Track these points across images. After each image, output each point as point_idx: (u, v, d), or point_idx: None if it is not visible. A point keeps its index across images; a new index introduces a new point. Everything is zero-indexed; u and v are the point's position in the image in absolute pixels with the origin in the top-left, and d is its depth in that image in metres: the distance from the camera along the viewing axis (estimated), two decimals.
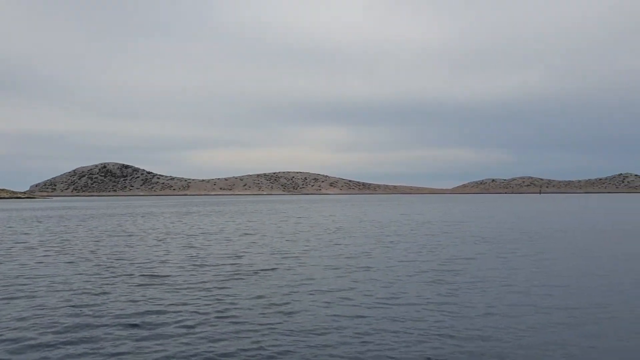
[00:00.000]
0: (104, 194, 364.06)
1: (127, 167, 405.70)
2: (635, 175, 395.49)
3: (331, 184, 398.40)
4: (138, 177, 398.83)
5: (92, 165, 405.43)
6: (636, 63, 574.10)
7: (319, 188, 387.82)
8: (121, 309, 12.33)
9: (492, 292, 13.98)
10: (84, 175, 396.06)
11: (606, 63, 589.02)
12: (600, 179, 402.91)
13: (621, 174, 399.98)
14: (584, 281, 15.60)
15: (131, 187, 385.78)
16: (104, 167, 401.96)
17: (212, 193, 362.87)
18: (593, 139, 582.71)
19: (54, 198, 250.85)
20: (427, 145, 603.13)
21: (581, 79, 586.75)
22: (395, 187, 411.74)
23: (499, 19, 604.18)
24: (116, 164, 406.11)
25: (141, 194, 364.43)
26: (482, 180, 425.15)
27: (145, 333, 10.38)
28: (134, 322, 11.14)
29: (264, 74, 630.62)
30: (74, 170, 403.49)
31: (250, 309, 12.16)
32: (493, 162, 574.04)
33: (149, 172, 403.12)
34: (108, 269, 18.81)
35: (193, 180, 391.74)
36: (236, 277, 16.71)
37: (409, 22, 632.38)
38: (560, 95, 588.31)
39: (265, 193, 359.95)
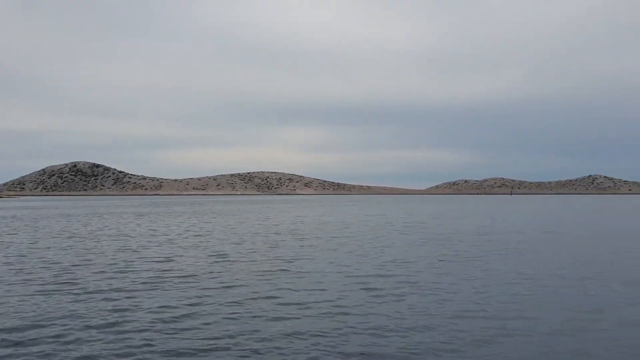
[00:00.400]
0: (74, 193, 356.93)
1: (98, 166, 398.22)
2: (605, 176, 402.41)
3: (306, 184, 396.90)
4: (109, 176, 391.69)
5: (62, 164, 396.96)
6: (607, 68, 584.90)
7: (294, 188, 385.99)
8: (1, 322, 11.21)
9: (411, 300, 13.16)
10: (53, 175, 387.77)
11: (577, 67, 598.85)
12: (570, 181, 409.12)
13: (591, 175, 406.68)
14: (512, 288, 14.86)
15: (102, 187, 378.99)
16: (75, 166, 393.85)
17: (185, 193, 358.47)
18: (563, 141, 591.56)
19: (21, 197, 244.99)
20: (401, 147, 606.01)
21: (552, 83, 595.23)
22: (369, 187, 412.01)
23: (474, 23, 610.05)
24: (87, 163, 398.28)
25: (112, 193, 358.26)
26: (455, 181, 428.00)
27: (9, 350, 9.29)
28: (5, 338, 10.04)
29: (238, 73, 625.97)
30: (43, 170, 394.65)
31: (142, 322, 11.13)
32: (466, 163, 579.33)
33: (120, 172, 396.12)
34: (21, 273, 17.57)
35: (165, 180, 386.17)
36: (153, 283, 15.64)
37: (386, 23, 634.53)
38: (532, 99, 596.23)
39: (239, 193, 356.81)
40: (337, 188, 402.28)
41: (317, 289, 14.60)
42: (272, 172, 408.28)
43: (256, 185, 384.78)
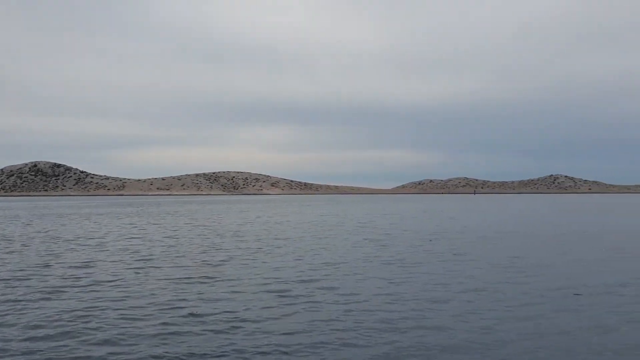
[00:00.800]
0: (34, 193, 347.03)
1: (59, 166, 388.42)
2: (565, 176, 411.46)
3: (272, 184, 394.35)
4: (71, 176, 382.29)
5: (21, 164, 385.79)
6: (568, 71, 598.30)
7: (260, 188, 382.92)
8: None
9: (318, 309, 12.25)
10: (12, 175, 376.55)
11: (539, 71, 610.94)
12: (532, 180, 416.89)
13: (552, 175, 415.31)
14: (429, 295, 14.11)
15: (63, 187, 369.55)
16: (35, 165, 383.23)
17: (149, 193, 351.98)
18: (526, 142, 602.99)
19: None
20: (369, 147, 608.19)
21: (516, 86, 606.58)
22: (337, 187, 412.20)
23: (441, 26, 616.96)
24: (47, 162, 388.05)
25: (74, 194, 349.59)
26: (421, 181, 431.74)
27: None
28: None
29: (203, 72, 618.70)
30: (1, 169, 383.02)
31: (6, 341, 9.94)
32: (431, 163, 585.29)
33: (82, 172, 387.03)
34: None
35: (129, 180, 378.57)
36: (50, 292, 14.32)
37: (352, 24, 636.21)
38: (496, 101, 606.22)
39: (204, 193, 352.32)
40: (305, 188, 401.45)
41: (226, 299, 13.56)
42: (238, 172, 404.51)
43: (222, 186, 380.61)
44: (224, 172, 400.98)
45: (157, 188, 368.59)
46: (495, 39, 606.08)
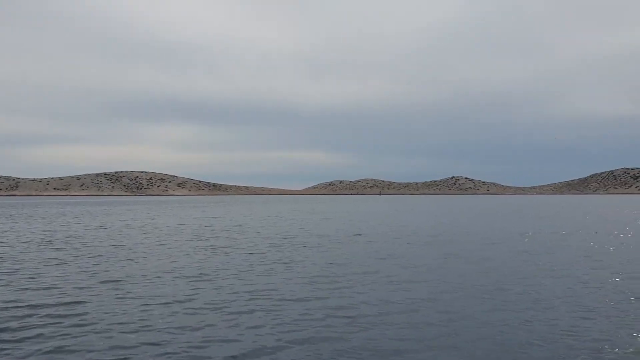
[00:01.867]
0: None
1: None
2: (466, 178, 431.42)
3: (179, 185, 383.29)
4: None
5: None
6: (463, 78, 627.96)
7: (166, 189, 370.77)
8: None
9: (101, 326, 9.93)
10: None
11: (439, 77, 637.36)
12: (435, 181, 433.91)
13: (453, 176, 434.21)
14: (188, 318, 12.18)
15: None
16: None
17: (45, 194, 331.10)
18: (430, 144, 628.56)
19: None
20: (279, 147, 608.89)
21: (420, 91, 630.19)
22: (247, 188, 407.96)
23: (348, 29, 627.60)
24: None
25: None
26: (331, 182, 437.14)
27: None
28: None
29: (104, 67, 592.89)
30: None
31: None
32: (341, 165, 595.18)
33: None
34: None
35: (23, 179, 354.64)
36: None
37: (263, 23, 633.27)
38: (402, 105, 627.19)
39: (105, 194, 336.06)
40: (213, 189, 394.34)
41: None
42: (142, 172, 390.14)
43: (124, 186, 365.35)
44: (126, 171, 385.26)
45: (54, 188, 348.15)
46: (402, 48, 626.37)
